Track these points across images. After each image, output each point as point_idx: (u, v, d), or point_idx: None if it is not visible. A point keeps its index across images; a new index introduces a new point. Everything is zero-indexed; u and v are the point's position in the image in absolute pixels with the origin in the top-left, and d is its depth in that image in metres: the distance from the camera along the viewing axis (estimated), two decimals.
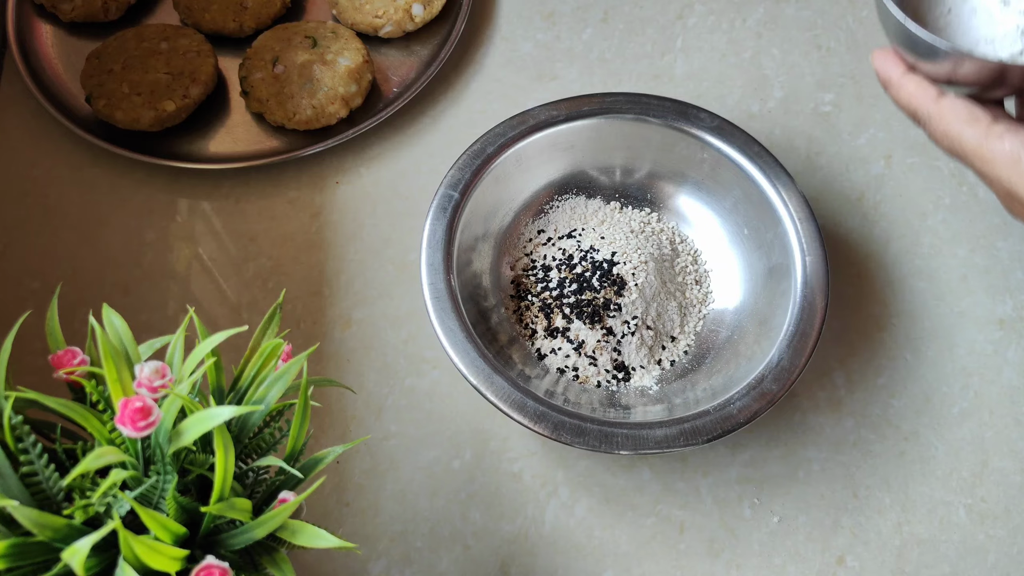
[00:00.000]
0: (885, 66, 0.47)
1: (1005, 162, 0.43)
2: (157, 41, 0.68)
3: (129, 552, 0.32)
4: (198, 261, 0.64)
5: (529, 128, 0.60)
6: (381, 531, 0.55)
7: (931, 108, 0.45)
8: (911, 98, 0.46)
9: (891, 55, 0.47)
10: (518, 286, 0.61)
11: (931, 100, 0.45)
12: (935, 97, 0.45)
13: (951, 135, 0.45)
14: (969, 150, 0.44)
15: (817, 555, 0.54)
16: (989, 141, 0.43)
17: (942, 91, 0.45)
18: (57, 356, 0.37)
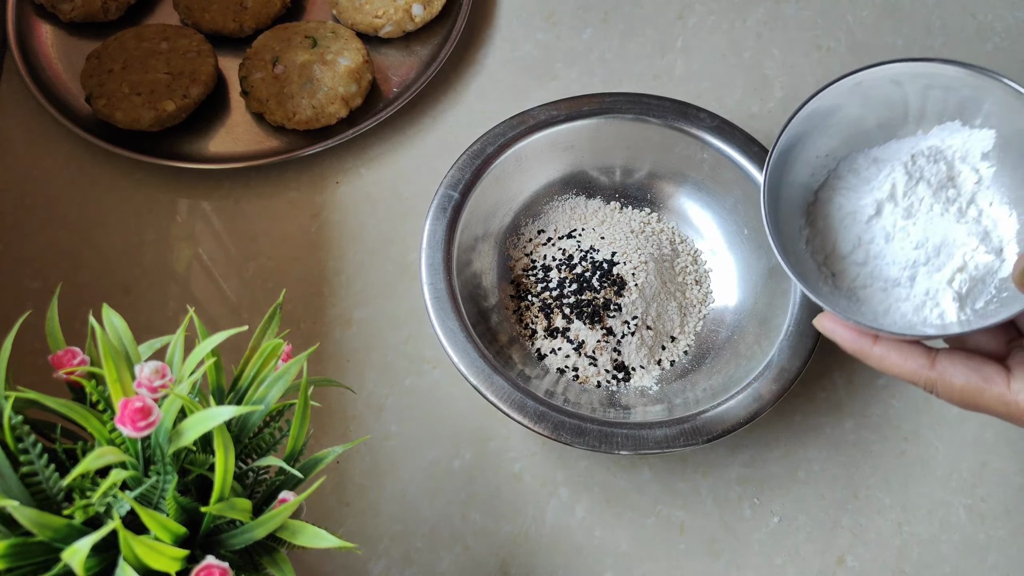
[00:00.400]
0: (851, 340, 0.44)
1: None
2: (157, 41, 0.68)
3: (129, 552, 0.32)
4: (198, 261, 0.63)
5: (529, 128, 0.60)
6: (381, 531, 0.55)
7: (929, 376, 0.42)
8: (901, 371, 0.43)
9: (845, 325, 0.44)
10: (518, 286, 0.61)
11: (925, 368, 0.43)
12: (928, 364, 0.42)
13: (967, 400, 0.42)
14: (996, 410, 0.42)
15: (817, 555, 0.54)
16: (1015, 397, 0.41)
17: (932, 353, 0.43)
18: (57, 356, 0.37)
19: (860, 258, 0.48)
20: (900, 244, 0.47)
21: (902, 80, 0.48)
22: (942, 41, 0.73)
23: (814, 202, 0.50)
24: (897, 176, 0.48)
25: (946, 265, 0.46)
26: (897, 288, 0.47)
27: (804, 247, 0.49)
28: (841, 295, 0.47)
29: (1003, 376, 0.41)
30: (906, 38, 0.73)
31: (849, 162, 0.50)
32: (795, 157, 0.49)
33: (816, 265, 0.49)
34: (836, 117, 0.49)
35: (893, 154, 0.49)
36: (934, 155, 0.48)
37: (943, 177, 0.48)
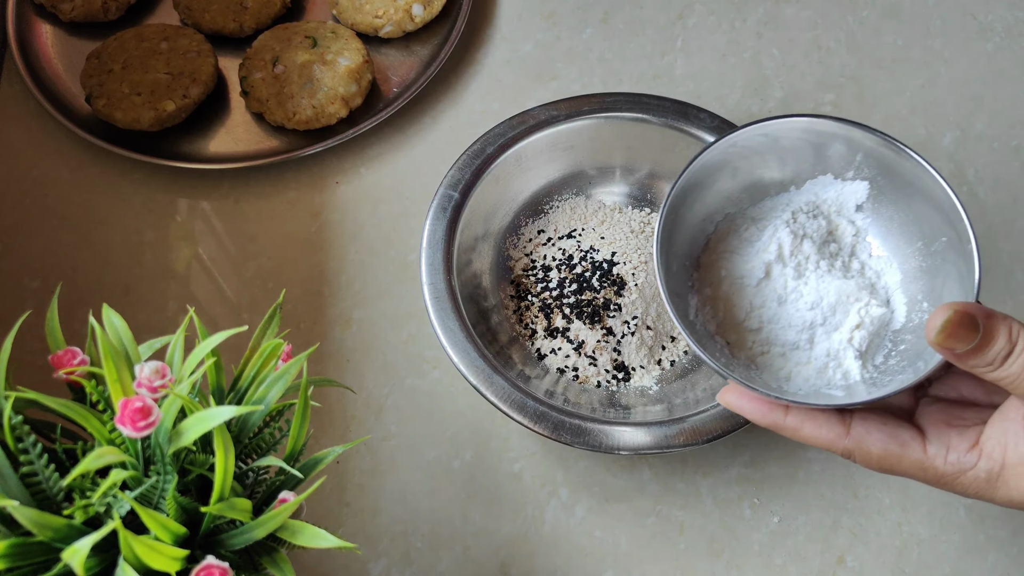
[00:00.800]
0: (762, 414, 0.42)
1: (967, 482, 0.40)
2: (157, 41, 0.68)
3: (129, 552, 0.32)
4: (198, 261, 0.63)
5: (529, 128, 0.60)
6: (381, 531, 0.55)
7: (846, 445, 0.41)
8: (817, 441, 0.42)
9: (752, 398, 0.43)
10: (518, 286, 0.60)
11: (841, 437, 0.41)
12: (843, 432, 0.41)
13: (886, 467, 0.41)
14: (915, 475, 0.41)
15: (817, 555, 0.54)
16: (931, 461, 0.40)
17: (846, 419, 0.42)
18: (57, 356, 0.37)
19: (754, 324, 0.47)
20: (794, 306, 0.46)
21: (774, 136, 0.47)
22: (942, 41, 0.73)
23: (698, 268, 0.49)
24: (782, 235, 0.47)
25: (843, 324, 0.46)
26: (796, 352, 0.46)
27: (695, 316, 0.48)
28: (739, 364, 0.46)
29: (919, 441, 0.40)
30: (906, 38, 0.73)
31: (727, 224, 0.49)
32: (679, 225, 0.48)
33: (709, 334, 0.47)
34: (713, 179, 0.48)
35: (770, 212, 0.49)
36: (812, 210, 0.48)
37: (824, 232, 0.48)
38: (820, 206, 0.48)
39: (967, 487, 0.40)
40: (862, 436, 0.41)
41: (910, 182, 0.45)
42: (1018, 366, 0.37)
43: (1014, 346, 0.37)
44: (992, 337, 0.37)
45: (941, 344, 0.37)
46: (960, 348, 0.37)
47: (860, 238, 0.47)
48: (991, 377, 0.37)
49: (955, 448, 0.40)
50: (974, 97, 0.70)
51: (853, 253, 0.47)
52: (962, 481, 0.40)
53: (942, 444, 0.40)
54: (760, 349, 0.46)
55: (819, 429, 0.42)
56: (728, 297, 0.48)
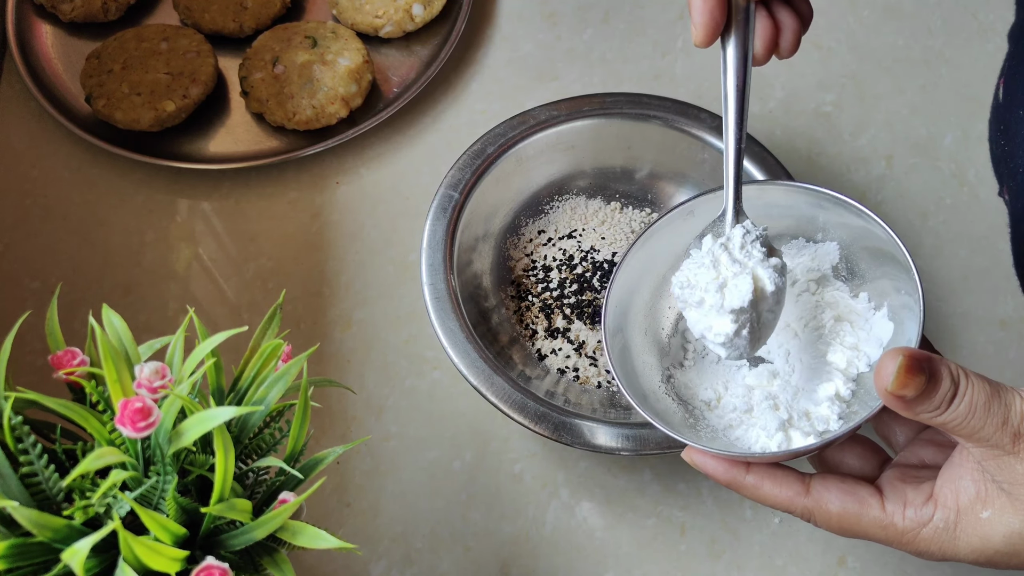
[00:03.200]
0: (723, 470, 0.42)
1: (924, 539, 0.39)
2: (157, 41, 0.68)
3: (129, 553, 0.32)
4: (198, 261, 0.63)
5: (529, 128, 0.60)
6: (382, 532, 0.55)
7: (805, 504, 0.41)
8: (776, 500, 0.41)
9: (714, 457, 0.42)
10: (518, 286, 0.60)
11: (800, 496, 0.41)
12: (802, 491, 0.41)
13: (845, 526, 0.40)
14: (875, 535, 0.40)
15: (818, 556, 0.54)
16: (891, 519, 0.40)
17: (805, 479, 0.41)
18: (57, 356, 0.37)
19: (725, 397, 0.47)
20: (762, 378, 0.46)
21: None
22: (943, 41, 0.73)
23: (673, 335, 0.49)
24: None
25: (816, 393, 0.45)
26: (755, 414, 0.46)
27: (660, 384, 0.48)
28: (703, 427, 0.46)
29: (877, 498, 0.40)
30: (907, 38, 0.73)
31: None
32: (642, 294, 0.48)
33: (674, 401, 0.47)
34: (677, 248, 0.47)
35: None
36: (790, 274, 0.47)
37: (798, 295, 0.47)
38: (793, 270, 0.47)
39: (930, 543, 0.39)
40: (821, 494, 0.40)
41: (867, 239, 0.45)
42: (964, 407, 0.36)
43: (957, 386, 0.36)
44: (937, 380, 0.36)
45: (895, 392, 0.36)
46: (911, 394, 0.36)
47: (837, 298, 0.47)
48: (938, 422, 0.37)
49: (911, 503, 0.39)
50: (975, 97, 0.70)
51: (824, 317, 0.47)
52: (924, 537, 0.39)
53: (899, 500, 0.39)
54: (722, 414, 0.46)
55: (778, 488, 0.41)
56: (701, 371, 0.48)
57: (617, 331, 0.47)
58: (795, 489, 0.41)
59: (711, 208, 0.46)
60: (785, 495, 0.41)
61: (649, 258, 0.48)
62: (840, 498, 0.40)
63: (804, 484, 0.41)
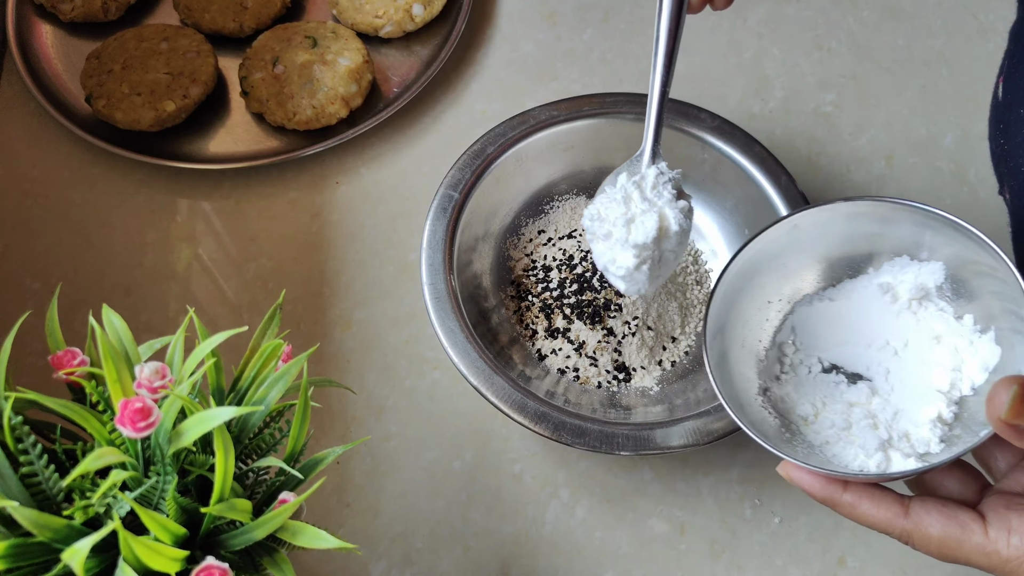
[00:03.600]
0: (820, 487, 0.42)
1: None
2: (157, 41, 0.68)
3: (129, 553, 0.32)
4: (198, 261, 0.63)
5: (529, 128, 0.60)
6: (381, 532, 0.55)
7: (904, 526, 0.40)
8: (874, 520, 0.41)
9: (811, 473, 0.42)
10: (519, 286, 0.60)
11: (899, 517, 0.40)
12: (901, 513, 0.40)
13: (945, 551, 0.39)
14: (976, 561, 0.39)
15: (818, 556, 0.54)
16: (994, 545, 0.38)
17: (905, 501, 0.40)
18: (57, 356, 0.37)
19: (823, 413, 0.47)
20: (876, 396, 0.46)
21: (839, 219, 0.47)
22: (943, 41, 0.73)
23: (771, 348, 0.49)
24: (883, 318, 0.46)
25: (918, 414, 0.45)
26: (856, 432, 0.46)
27: (756, 396, 0.47)
28: (799, 442, 0.46)
29: (980, 524, 0.39)
30: (907, 38, 0.73)
31: (805, 306, 0.49)
32: (741, 305, 0.48)
33: (770, 414, 0.47)
34: (779, 261, 0.48)
35: (849, 294, 0.48)
36: (891, 292, 0.47)
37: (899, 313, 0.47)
38: (895, 287, 0.47)
39: None
40: (921, 517, 0.39)
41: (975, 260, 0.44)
42: None
43: None
44: None
45: (1010, 420, 0.35)
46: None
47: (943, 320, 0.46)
48: None
49: (1017, 531, 0.38)
50: (975, 97, 0.70)
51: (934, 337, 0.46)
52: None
53: (1003, 527, 0.38)
54: (819, 430, 0.46)
55: (876, 508, 0.40)
56: (802, 387, 0.47)
57: (716, 340, 0.47)
58: (894, 511, 0.40)
59: (815, 221, 0.46)
60: (883, 516, 0.40)
61: (749, 270, 0.48)
62: (941, 522, 0.39)
63: (903, 506, 0.40)
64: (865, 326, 0.48)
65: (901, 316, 0.47)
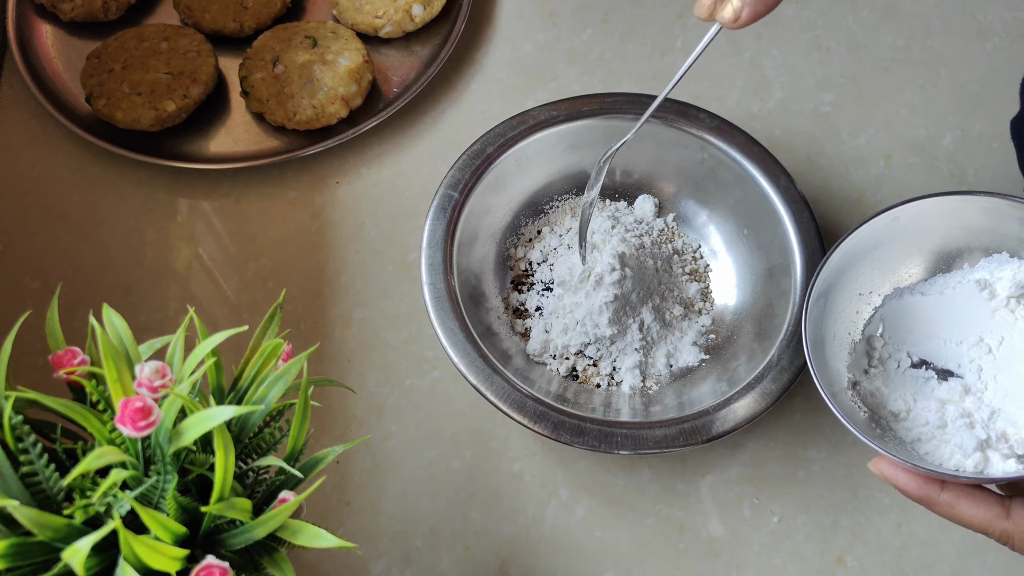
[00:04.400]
0: (916, 486, 0.41)
1: None
2: (157, 41, 0.68)
3: (129, 552, 0.32)
4: (198, 261, 0.63)
5: (529, 128, 0.60)
6: (381, 531, 0.55)
7: (1005, 527, 0.39)
8: (972, 520, 0.40)
9: (908, 471, 0.42)
10: (518, 286, 0.61)
11: (1000, 518, 0.40)
12: (1002, 514, 0.40)
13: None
14: None
15: (817, 555, 0.54)
16: None
17: (1005, 502, 0.40)
18: (57, 356, 0.37)
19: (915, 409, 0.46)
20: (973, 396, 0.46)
21: (941, 212, 0.47)
22: (942, 42, 0.73)
23: (860, 341, 0.49)
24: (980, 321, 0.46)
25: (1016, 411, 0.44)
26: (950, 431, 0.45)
27: (847, 390, 0.47)
28: (889, 438, 0.45)
29: None
30: (906, 39, 0.73)
31: (896, 300, 0.49)
32: (835, 297, 0.48)
33: (860, 411, 0.47)
34: (874, 254, 0.48)
35: (942, 289, 0.48)
36: (988, 288, 0.47)
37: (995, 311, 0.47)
38: (993, 284, 0.47)
39: None
40: (1023, 518, 0.39)
41: None
42: None
43: None
44: None
45: None
46: None
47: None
48: None
49: None
50: (974, 97, 0.70)
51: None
52: None
53: None
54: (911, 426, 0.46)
55: (976, 508, 0.40)
56: (894, 384, 0.47)
57: (812, 330, 0.47)
58: (995, 511, 0.40)
59: (916, 213, 0.46)
60: (983, 516, 0.40)
61: (845, 263, 0.48)
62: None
63: (1004, 507, 0.40)
64: (958, 322, 0.47)
65: (997, 314, 0.46)
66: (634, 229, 0.60)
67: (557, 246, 0.61)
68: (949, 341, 0.47)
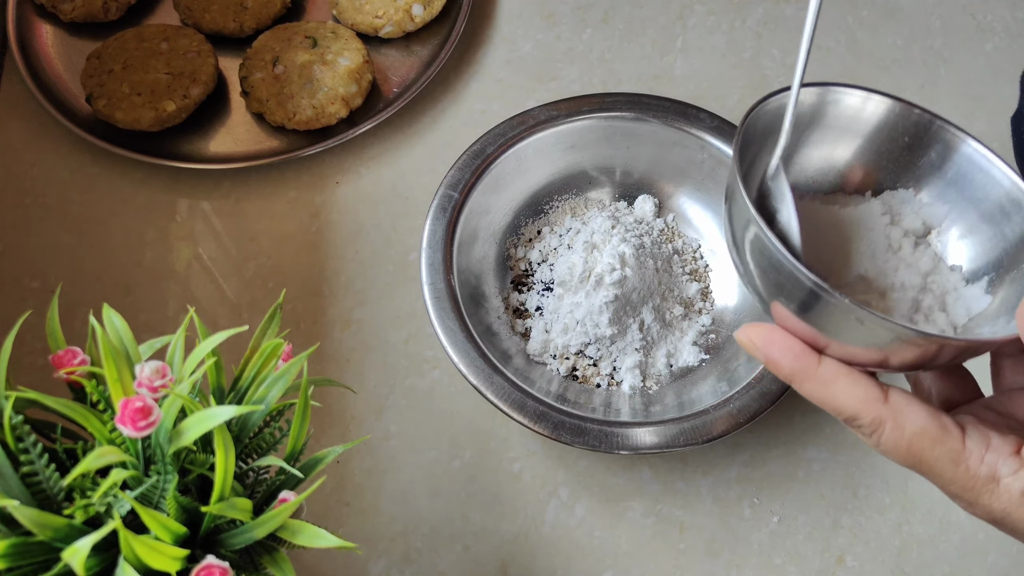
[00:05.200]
0: (794, 356, 0.35)
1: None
2: (157, 41, 0.68)
3: (129, 552, 0.32)
4: (198, 261, 0.64)
5: (529, 128, 0.60)
6: (381, 531, 0.55)
7: (879, 412, 0.35)
8: (847, 400, 0.35)
9: (778, 333, 0.35)
10: (518, 286, 0.61)
11: (878, 402, 0.35)
12: (880, 398, 0.35)
13: (915, 448, 0.35)
14: (941, 469, 0.35)
15: (817, 555, 0.54)
16: (967, 458, 0.34)
17: (885, 387, 0.36)
18: (57, 356, 0.37)
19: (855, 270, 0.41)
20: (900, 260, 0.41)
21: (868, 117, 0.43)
22: (942, 41, 0.73)
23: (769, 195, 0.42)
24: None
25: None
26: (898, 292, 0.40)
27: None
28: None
29: (958, 430, 0.35)
30: (906, 38, 0.73)
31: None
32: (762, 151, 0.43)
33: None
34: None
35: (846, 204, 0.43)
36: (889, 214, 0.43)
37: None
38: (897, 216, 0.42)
39: (996, 500, 0.34)
40: (901, 407, 0.35)
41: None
42: None
43: None
44: None
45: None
46: None
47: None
48: None
49: (995, 448, 0.34)
50: (974, 97, 0.70)
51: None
52: (994, 492, 0.34)
53: (981, 440, 0.35)
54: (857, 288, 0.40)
55: (854, 387, 0.35)
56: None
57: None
58: (873, 394, 0.35)
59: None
60: (860, 396, 0.35)
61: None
62: (923, 416, 0.35)
63: (883, 391, 0.35)
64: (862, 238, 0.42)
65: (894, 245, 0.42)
66: (634, 229, 0.60)
67: (557, 246, 0.61)
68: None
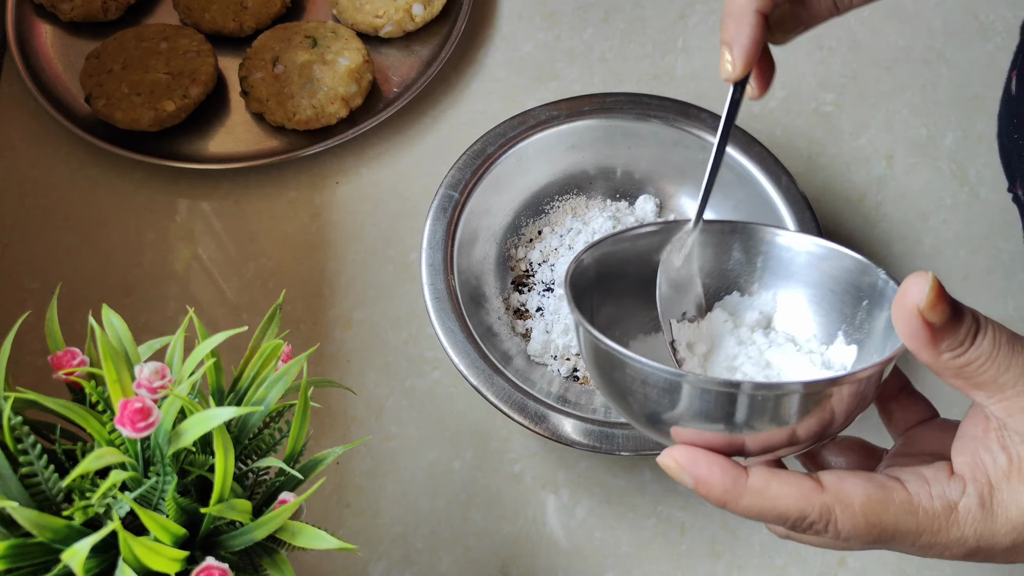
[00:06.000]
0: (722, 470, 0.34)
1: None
2: (157, 41, 0.68)
3: (129, 553, 0.32)
4: (198, 261, 0.63)
5: (529, 128, 0.60)
6: (381, 532, 0.55)
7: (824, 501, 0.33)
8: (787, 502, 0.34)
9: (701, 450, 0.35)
10: (519, 286, 0.60)
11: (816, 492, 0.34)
12: (816, 487, 0.34)
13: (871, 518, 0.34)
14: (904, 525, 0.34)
15: (818, 556, 0.54)
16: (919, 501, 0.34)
17: (813, 475, 0.34)
18: (57, 357, 0.37)
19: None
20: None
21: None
22: (944, 41, 0.73)
23: None
24: None
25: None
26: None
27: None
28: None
29: (896, 481, 0.34)
30: (908, 38, 0.73)
31: None
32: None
33: None
34: None
35: None
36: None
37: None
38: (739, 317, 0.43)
39: (964, 526, 0.34)
40: (838, 487, 0.34)
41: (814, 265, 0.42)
42: (988, 342, 0.32)
43: (978, 322, 0.32)
44: (960, 312, 0.32)
45: (927, 310, 0.31)
46: (940, 319, 0.31)
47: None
48: (961, 362, 0.33)
49: (934, 480, 0.34)
50: (975, 97, 0.70)
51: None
52: (957, 520, 0.33)
53: (918, 479, 0.34)
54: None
55: (788, 485, 0.34)
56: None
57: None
58: (808, 485, 0.34)
59: None
60: (797, 492, 0.34)
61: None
62: (861, 485, 0.34)
63: (815, 480, 0.34)
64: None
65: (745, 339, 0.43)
66: None
67: (558, 246, 0.61)
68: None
